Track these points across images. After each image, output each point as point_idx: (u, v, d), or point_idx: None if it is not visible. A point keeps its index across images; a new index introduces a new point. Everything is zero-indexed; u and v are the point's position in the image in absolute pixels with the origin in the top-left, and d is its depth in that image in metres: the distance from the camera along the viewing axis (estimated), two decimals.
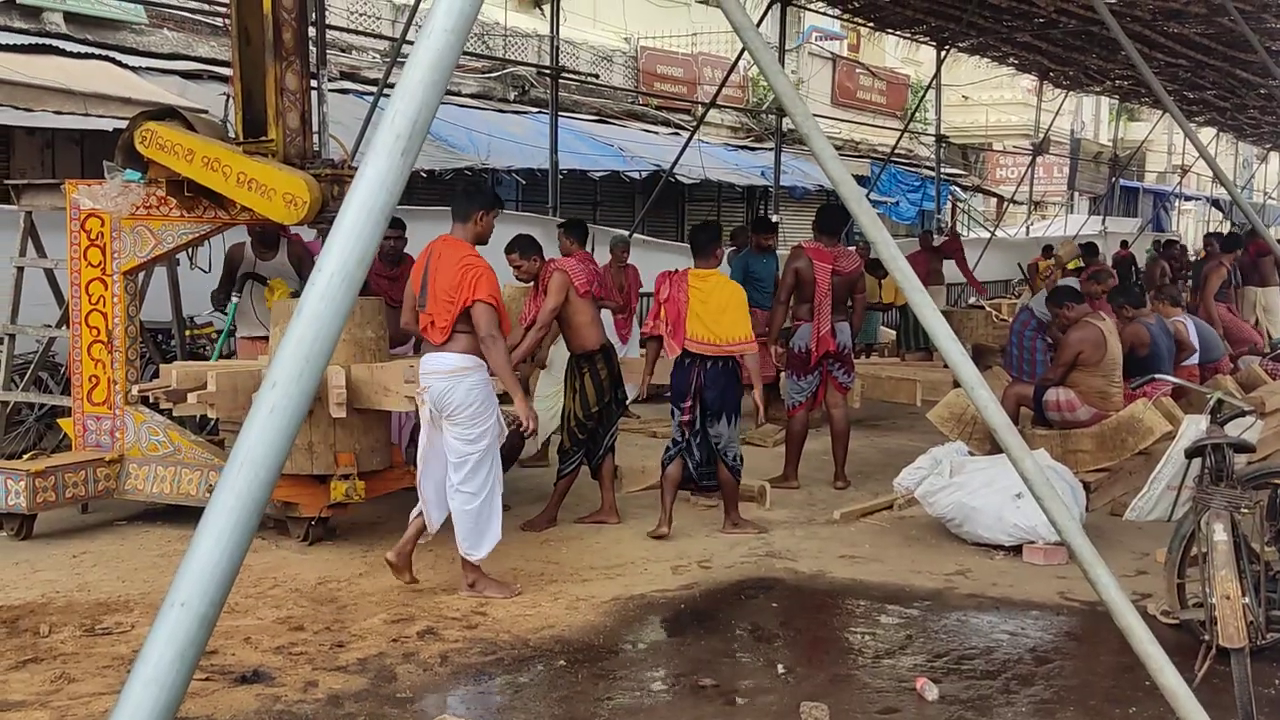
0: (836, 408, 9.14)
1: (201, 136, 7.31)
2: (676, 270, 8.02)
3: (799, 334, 8.88)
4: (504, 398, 6.64)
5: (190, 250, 8.09)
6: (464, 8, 1.64)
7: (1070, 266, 18.25)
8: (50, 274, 8.33)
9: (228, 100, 9.60)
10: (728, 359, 7.68)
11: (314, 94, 7.67)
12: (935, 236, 19.14)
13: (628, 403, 8.70)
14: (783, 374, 9.22)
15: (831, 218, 9.31)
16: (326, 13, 12.67)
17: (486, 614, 6.07)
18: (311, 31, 8.32)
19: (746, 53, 5.33)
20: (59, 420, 8.27)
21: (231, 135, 7.67)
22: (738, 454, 7.80)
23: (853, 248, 11.57)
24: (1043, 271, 18.85)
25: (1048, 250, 20.89)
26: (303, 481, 7.16)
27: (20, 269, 8.17)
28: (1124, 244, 24.49)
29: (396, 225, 8.97)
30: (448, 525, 7.68)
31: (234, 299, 8.49)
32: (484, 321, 6.21)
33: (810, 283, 8.81)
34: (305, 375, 1.54)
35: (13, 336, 8.27)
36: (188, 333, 9.55)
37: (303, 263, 8.55)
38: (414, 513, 6.48)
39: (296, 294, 7.79)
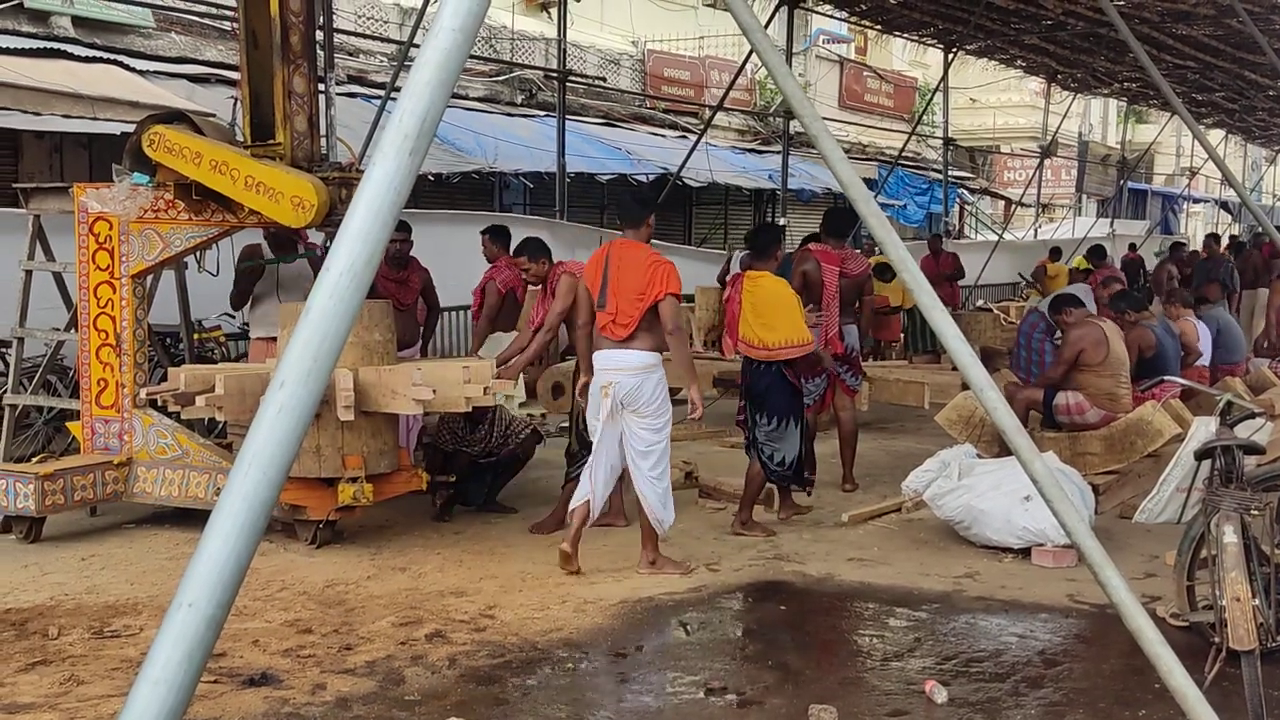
0: (844, 410, 9.12)
1: (209, 140, 7.32)
2: (738, 272, 8.25)
3: None
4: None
5: (198, 253, 8.10)
6: (472, 6, 1.64)
7: (1078, 266, 18.24)
8: (59, 277, 8.34)
9: (235, 104, 9.60)
10: (771, 364, 7.68)
11: (321, 97, 7.68)
12: (944, 240, 19.10)
13: None
14: None
15: (839, 220, 9.31)
16: (334, 16, 12.70)
17: (494, 617, 6.07)
18: (319, 35, 8.34)
19: (754, 55, 5.35)
20: (67, 424, 8.28)
21: (239, 139, 7.68)
22: (780, 458, 7.72)
23: (859, 250, 11.59)
24: (1051, 272, 18.84)
25: (1055, 253, 20.87)
26: (310, 484, 7.16)
27: (29, 272, 8.17)
28: (1132, 247, 24.47)
29: (403, 228, 8.96)
30: (440, 530, 7.71)
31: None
32: (671, 314, 6.75)
33: (818, 285, 8.79)
34: (314, 375, 1.54)
35: (21, 340, 8.27)
36: (196, 336, 9.55)
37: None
38: (574, 502, 6.92)
39: None
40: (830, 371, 8.64)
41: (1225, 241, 24.52)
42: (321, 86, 7.68)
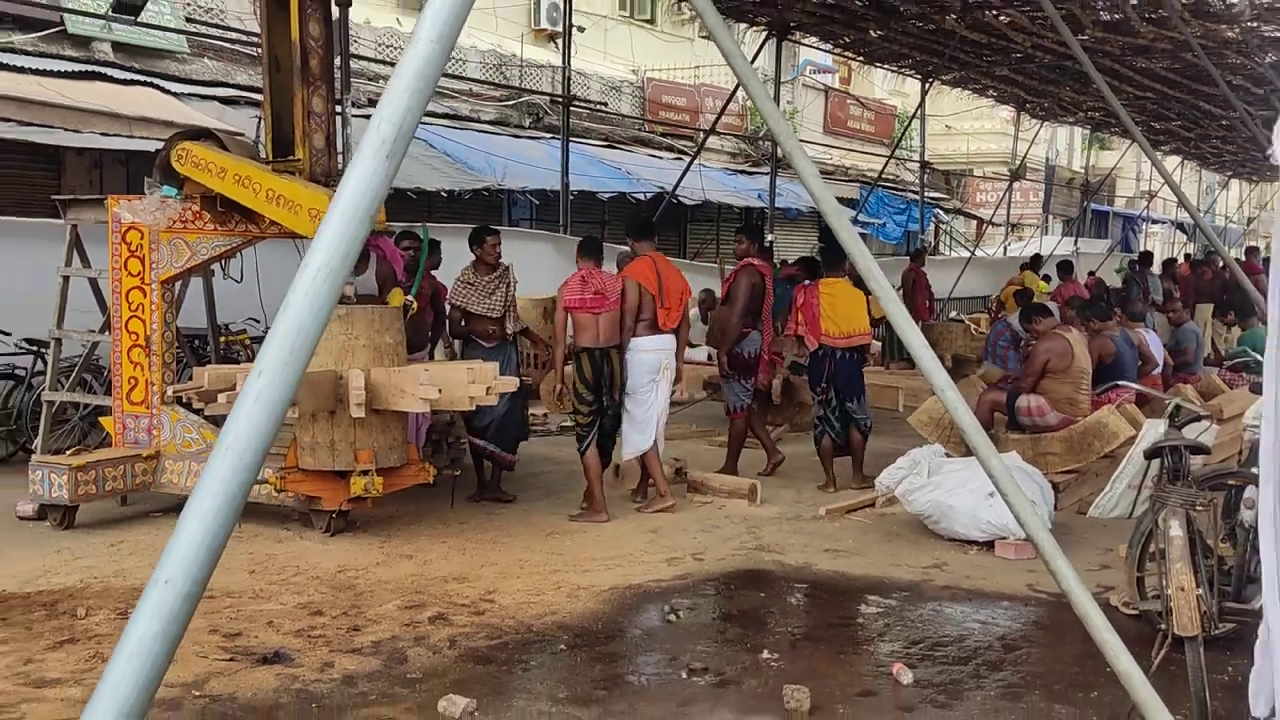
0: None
1: (233, 155, 7.29)
2: (809, 283, 9.17)
3: (747, 341, 8.96)
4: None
5: (223, 261, 8.07)
6: (448, 18, 1.60)
7: (1042, 289, 18.17)
8: (94, 283, 8.32)
9: (259, 122, 9.58)
10: (852, 351, 8.82)
11: (338, 118, 7.65)
12: (924, 256, 19.04)
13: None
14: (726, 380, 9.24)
15: (755, 231, 10.02)
16: (356, 43, 12.66)
17: (494, 601, 6.02)
18: (337, 60, 8.29)
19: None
20: (101, 419, 8.24)
21: (262, 155, 7.65)
22: (868, 421, 8.97)
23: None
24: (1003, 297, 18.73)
25: (1026, 268, 20.75)
26: (325, 477, 7.12)
27: (66, 278, 8.16)
28: (1091, 273, 24.37)
29: (412, 237, 8.95)
30: (446, 520, 7.67)
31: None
32: (687, 310, 8.38)
33: (761, 295, 9.00)
34: (290, 365, 1.50)
35: (59, 341, 8.26)
36: (222, 338, 9.53)
37: (386, 283, 8.17)
38: (629, 456, 8.22)
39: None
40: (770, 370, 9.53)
41: (1181, 260, 24.43)
42: (338, 108, 7.64)
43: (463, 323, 8.32)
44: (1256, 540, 3.47)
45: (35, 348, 9.28)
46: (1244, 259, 19.66)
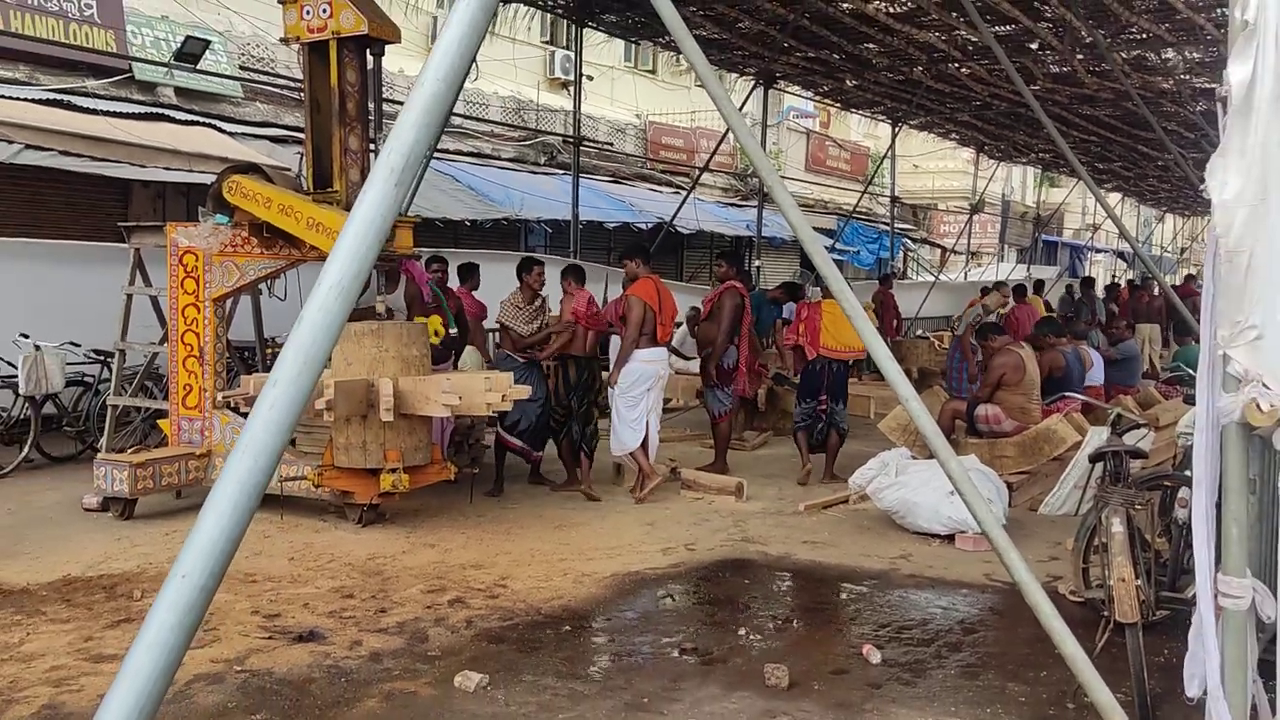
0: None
1: (278, 187, 7.24)
2: (812, 301, 9.21)
3: (727, 355, 9.02)
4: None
5: (269, 281, 8.02)
6: (453, 63, 1.55)
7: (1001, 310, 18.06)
8: (154, 300, 8.27)
9: (301, 158, 9.55)
10: (845, 362, 8.96)
11: (372, 154, 7.61)
12: (892, 280, 18.97)
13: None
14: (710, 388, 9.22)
15: (735, 256, 9.84)
16: (389, 89, 12.61)
17: (507, 586, 5.95)
18: (373, 104, 8.24)
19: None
20: (159, 421, 8.19)
21: (303, 187, 7.61)
22: (845, 426, 9.06)
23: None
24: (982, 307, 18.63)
25: (985, 291, 20.69)
26: (358, 474, 7.06)
27: (129, 296, 8.11)
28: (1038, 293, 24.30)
29: (441, 260, 8.90)
30: (466, 513, 7.57)
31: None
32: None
33: (741, 314, 9.12)
34: (303, 375, 1.45)
35: (123, 352, 8.21)
36: (269, 350, 9.47)
37: (413, 302, 8.09)
38: (621, 452, 8.26)
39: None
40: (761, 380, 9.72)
41: (1122, 285, 24.37)
42: (372, 145, 7.61)
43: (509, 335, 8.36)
44: (1190, 536, 3.41)
45: (102, 357, 9.25)
46: (1180, 284, 19.62)
